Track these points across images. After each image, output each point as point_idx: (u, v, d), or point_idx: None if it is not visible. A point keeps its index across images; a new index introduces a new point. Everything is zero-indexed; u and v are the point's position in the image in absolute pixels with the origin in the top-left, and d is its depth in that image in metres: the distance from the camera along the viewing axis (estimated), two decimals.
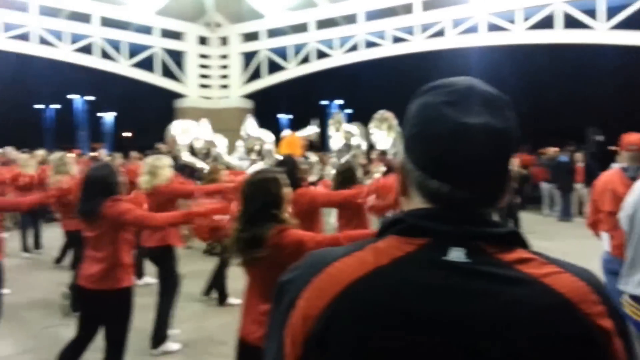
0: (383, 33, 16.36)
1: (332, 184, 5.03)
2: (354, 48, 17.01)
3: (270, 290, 2.64)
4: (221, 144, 8.62)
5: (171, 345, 4.81)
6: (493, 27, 14.56)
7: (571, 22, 13.40)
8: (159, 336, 4.77)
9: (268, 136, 8.98)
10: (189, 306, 5.97)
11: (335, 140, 8.78)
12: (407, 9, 15.99)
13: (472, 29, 14.85)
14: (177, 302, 5.02)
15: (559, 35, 13.68)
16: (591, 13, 13.10)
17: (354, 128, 9.40)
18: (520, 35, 14.19)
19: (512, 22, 14.27)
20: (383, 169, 5.68)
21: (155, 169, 4.94)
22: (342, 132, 8.88)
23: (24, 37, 15.45)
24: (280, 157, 8.58)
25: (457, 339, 0.77)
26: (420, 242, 0.84)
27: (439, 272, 0.81)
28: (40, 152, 13.52)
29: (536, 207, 14.01)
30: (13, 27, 15.21)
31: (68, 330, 5.20)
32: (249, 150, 8.95)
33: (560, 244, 9.08)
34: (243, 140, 9.08)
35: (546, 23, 13.71)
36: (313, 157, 9.97)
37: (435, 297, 0.79)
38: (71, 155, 12.96)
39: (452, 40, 15.34)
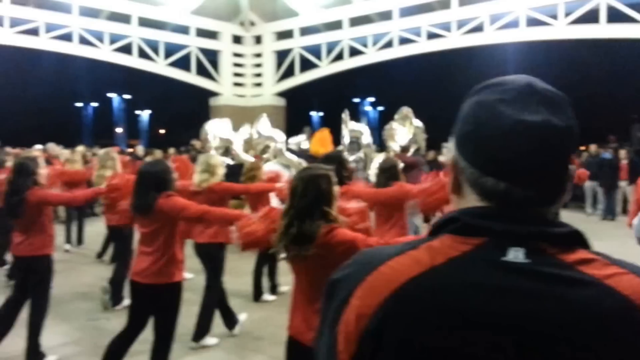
0: (418, 29, 16.21)
1: (376, 180, 5.00)
2: (388, 45, 16.92)
3: (318, 289, 2.63)
4: (280, 138, 8.75)
5: (209, 340, 4.87)
6: (533, 22, 14.26)
7: (615, 16, 13.00)
8: (202, 330, 4.84)
9: (279, 136, 9.06)
10: None
11: (346, 139, 8.95)
12: (443, 5, 15.79)
13: (511, 24, 14.57)
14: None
15: (603, 30, 13.29)
16: (637, 7, 12.69)
17: (363, 127, 9.43)
18: (562, 30, 13.84)
19: (553, 16, 13.94)
20: (401, 165, 5.67)
21: (212, 167, 5.01)
22: (348, 131, 9.01)
23: (65, 37, 15.92)
24: (292, 157, 8.69)
25: (515, 341, 0.76)
26: (476, 241, 0.82)
27: (497, 272, 0.79)
28: (81, 149, 13.92)
29: (579, 206, 13.65)
30: (55, 27, 15.68)
31: (109, 322, 5.35)
32: (263, 150, 9.04)
33: (604, 243, 8.79)
34: (254, 139, 9.16)
35: (589, 17, 13.34)
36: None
37: (493, 297, 0.78)
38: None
39: (490, 36, 15.08)
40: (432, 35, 16.08)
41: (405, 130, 8.99)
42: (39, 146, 14.08)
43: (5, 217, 4.51)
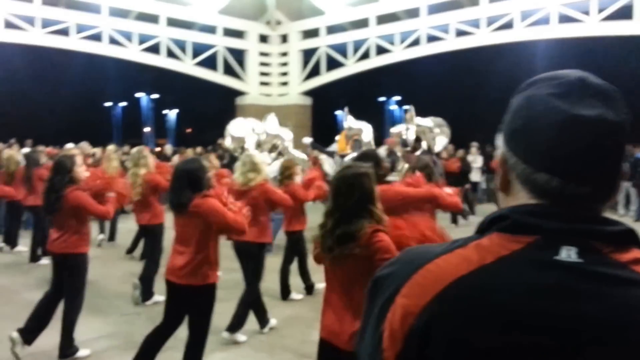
0: (446, 26, 16.06)
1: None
2: (415, 43, 16.79)
3: (353, 291, 2.59)
4: (288, 137, 8.80)
5: (240, 336, 4.92)
6: (565, 19, 13.98)
7: None
8: (237, 323, 4.91)
9: (287, 134, 9.09)
10: None
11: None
12: (472, 1, 15.61)
13: (542, 21, 14.32)
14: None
15: (637, 26, 12.95)
16: None
17: (364, 124, 9.40)
18: (595, 26, 13.54)
19: (585, 12, 13.64)
20: (406, 166, 5.68)
21: (259, 166, 5.05)
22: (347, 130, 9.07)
23: (95, 37, 16.20)
24: (299, 154, 8.73)
25: (566, 341, 0.74)
26: (527, 240, 0.80)
27: (549, 272, 0.77)
28: (111, 148, 14.18)
29: (610, 206, 13.33)
30: (85, 28, 15.98)
31: (140, 318, 5.43)
32: (271, 148, 9.07)
33: None
34: (262, 137, 9.21)
35: (623, 13, 13.01)
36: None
37: (544, 297, 0.76)
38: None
39: (520, 33, 14.84)
40: (460, 33, 15.90)
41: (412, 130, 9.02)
42: (70, 145, 14.41)
43: (42, 213, 4.62)
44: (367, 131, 9.19)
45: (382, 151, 9.69)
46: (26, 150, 13.62)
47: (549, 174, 0.81)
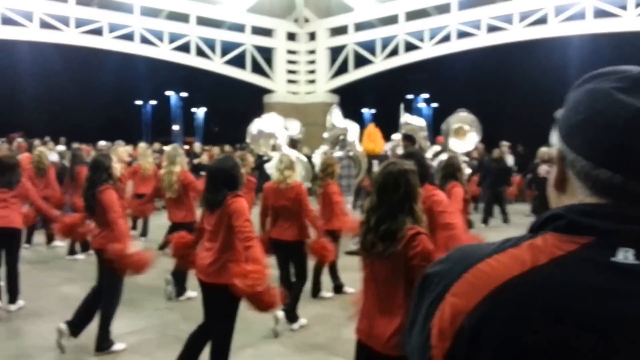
0: (478, 22, 15.83)
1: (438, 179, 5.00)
2: (445, 39, 16.59)
3: (391, 291, 2.56)
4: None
5: (301, 320, 5.14)
6: (600, 13, 13.63)
7: None
8: (292, 314, 5.09)
9: (353, 127, 9.02)
10: None
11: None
12: None
13: (577, 16, 13.99)
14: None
15: None
16: None
17: (350, 123, 9.28)
18: (632, 21, 13.17)
19: (622, 7, 13.28)
20: None
21: (294, 165, 5.12)
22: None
23: (127, 37, 16.47)
24: (293, 151, 8.73)
25: (621, 345, 0.73)
26: (583, 240, 0.78)
27: (604, 273, 0.76)
28: (143, 145, 14.42)
29: None
30: (118, 27, 16.26)
31: (172, 313, 5.51)
32: (334, 141, 9.03)
33: None
34: (328, 131, 9.19)
35: None
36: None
37: (600, 300, 0.74)
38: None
39: (554, 28, 14.53)
40: (492, 28, 15.66)
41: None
42: (103, 142, 14.71)
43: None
44: (352, 131, 9.11)
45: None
46: (61, 148, 13.99)
47: (611, 171, 0.78)
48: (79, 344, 4.56)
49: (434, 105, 31.49)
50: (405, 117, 9.25)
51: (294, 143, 10.72)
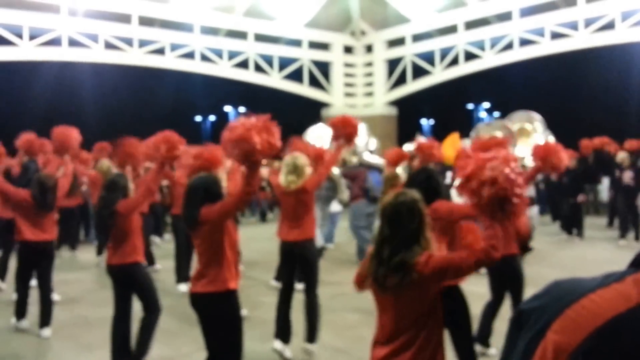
0: (541, 29, 15.25)
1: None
2: (507, 47, 16.05)
3: (404, 324, 2.47)
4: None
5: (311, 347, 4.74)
6: None
7: None
8: (314, 331, 4.71)
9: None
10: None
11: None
12: (568, 2, 14.71)
13: None
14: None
15: None
16: None
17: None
18: None
19: None
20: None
21: (300, 168, 4.89)
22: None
23: (188, 55, 16.90)
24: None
25: None
26: None
27: None
28: None
29: None
30: (179, 46, 16.71)
31: None
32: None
33: None
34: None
35: None
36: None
37: None
38: None
39: (622, 34, 13.77)
40: (556, 35, 15.02)
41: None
42: None
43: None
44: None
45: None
46: None
47: None
48: None
49: (496, 114, 30.60)
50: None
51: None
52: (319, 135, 9.50)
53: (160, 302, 4.47)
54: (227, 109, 36.40)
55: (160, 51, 16.44)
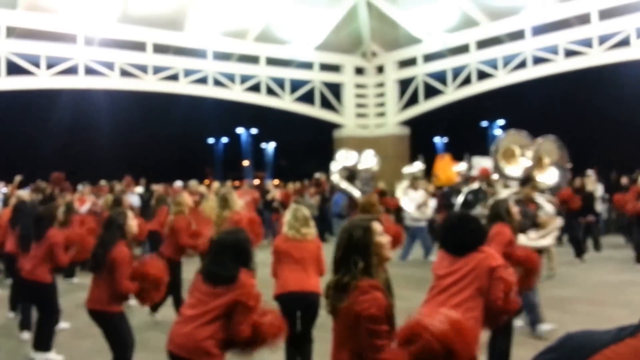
0: (555, 47, 15.20)
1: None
2: (521, 65, 16.00)
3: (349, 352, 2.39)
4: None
5: None
6: None
7: None
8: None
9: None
10: None
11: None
12: (582, 20, 14.66)
13: None
14: None
15: None
16: None
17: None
18: None
19: None
20: None
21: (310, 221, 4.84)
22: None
23: (201, 80, 17.08)
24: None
25: None
26: None
27: None
28: (216, 185, 14.71)
29: None
30: (192, 72, 16.91)
31: None
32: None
33: None
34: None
35: None
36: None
37: None
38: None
39: (637, 51, 13.68)
40: (570, 53, 14.96)
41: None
42: (179, 183, 15.12)
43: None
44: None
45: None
46: (140, 189, 14.48)
47: None
48: None
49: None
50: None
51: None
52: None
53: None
54: (240, 130, 36.66)
55: (174, 77, 16.64)
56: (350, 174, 10.88)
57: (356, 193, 10.39)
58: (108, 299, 4.15)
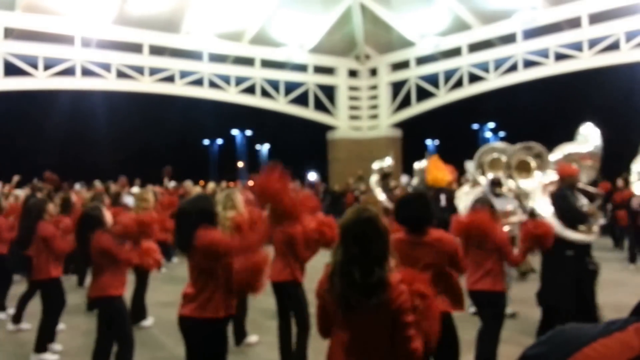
0: (545, 51, 15.43)
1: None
2: (512, 69, 16.23)
3: (376, 349, 2.30)
4: None
5: None
6: None
7: None
8: None
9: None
10: None
11: None
12: (572, 24, 14.91)
13: None
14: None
15: None
16: None
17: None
18: None
19: None
20: None
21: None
22: None
23: (197, 82, 17.21)
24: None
25: None
26: None
27: None
28: (212, 186, 14.84)
29: None
30: (188, 74, 17.04)
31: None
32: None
33: None
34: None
35: None
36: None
37: None
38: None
39: (627, 54, 13.93)
40: (560, 56, 15.20)
41: None
42: (173, 184, 15.22)
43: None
44: None
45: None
46: (135, 189, 14.55)
47: None
48: None
49: (502, 134, 30.72)
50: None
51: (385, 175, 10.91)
52: None
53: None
54: (235, 132, 36.75)
55: (170, 79, 16.77)
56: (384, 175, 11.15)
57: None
58: (106, 284, 4.24)
